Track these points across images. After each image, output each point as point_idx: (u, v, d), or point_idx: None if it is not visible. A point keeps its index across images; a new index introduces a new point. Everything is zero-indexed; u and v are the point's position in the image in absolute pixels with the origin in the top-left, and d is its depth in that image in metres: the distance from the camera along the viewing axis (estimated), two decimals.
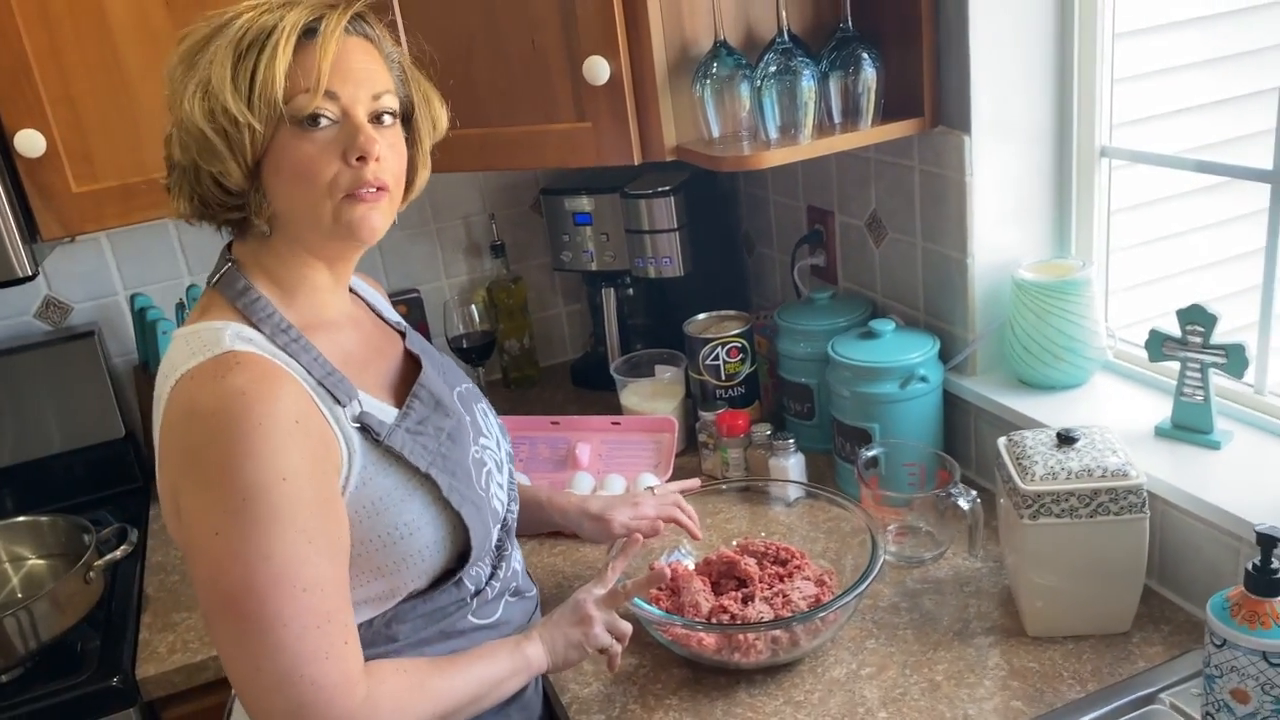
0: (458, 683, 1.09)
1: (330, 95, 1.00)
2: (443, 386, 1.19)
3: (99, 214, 1.64)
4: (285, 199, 1.02)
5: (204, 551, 0.95)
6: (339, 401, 1.03)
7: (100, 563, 1.56)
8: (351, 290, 1.21)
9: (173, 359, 1.01)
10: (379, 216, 1.05)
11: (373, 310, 1.26)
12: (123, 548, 1.58)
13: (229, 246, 1.11)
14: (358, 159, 1.01)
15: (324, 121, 1.01)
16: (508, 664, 1.14)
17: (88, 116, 1.59)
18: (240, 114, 0.98)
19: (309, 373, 1.02)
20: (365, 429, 1.05)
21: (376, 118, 1.04)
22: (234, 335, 1.00)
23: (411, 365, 1.21)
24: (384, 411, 1.09)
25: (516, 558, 1.26)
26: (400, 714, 1.02)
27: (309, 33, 1.00)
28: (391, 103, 1.06)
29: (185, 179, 1.03)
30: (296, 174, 1.01)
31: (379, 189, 1.04)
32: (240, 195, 1.02)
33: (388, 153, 1.04)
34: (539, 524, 1.50)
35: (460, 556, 1.12)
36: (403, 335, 1.25)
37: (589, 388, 2.21)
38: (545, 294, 2.37)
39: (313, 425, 0.99)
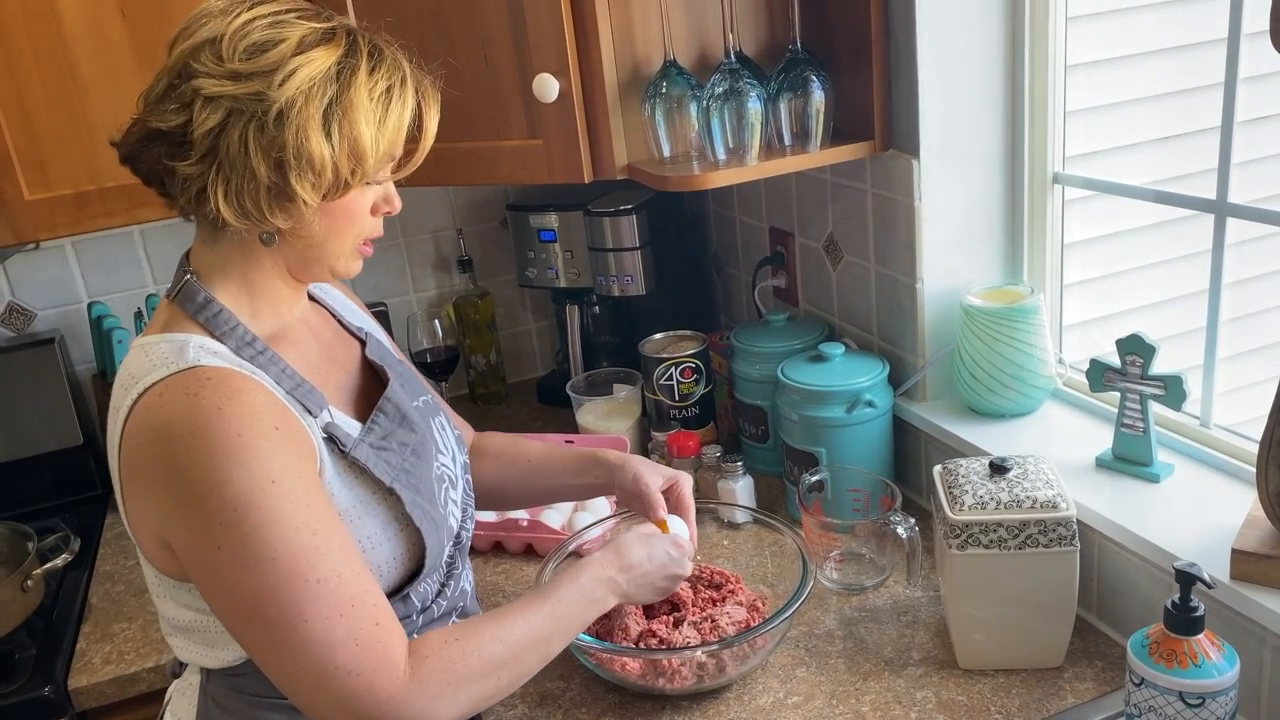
0: (521, 639, 1.06)
1: (392, 156, 1.05)
2: (406, 400, 1.17)
3: (52, 222, 1.64)
4: (323, 232, 1.03)
5: (211, 569, 0.95)
6: (310, 412, 1.03)
7: (39, 571, 1.56)
8: (311, 297, 1.20)
9: (132, 370, 0.99)
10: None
11: (334, 316, 1.23)
12: (62, 556, 1.58)
13: (187, 256, 1.08)
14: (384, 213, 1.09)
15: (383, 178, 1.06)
16: (578, 612, 1.13)
17: (42, 124, 1.60)
18: (368, 156, 0.99)
19: (278, 384, 1.01)
20: (332, 439, 1.04)
21: None
22: (198, 348, 0.98)
23: (371, 375, 1.19)
24: (348, 424, 1.08)
25: (467, 578, 1.24)
26: (456, 684, 0.99)
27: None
28: None
29: (245, 185, 0.96)
30: (348, 217, 1.04)
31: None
32: (293, 216, 1.00)
33: None
34: (582, 473, 1.39)
35: (412, 573, 1.11)
36: (363, 343, 1.22)
37: (554, 405, 2.20)
38: (514, 310, 2.37)
39: (292, 429, 0.98)
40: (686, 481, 1.36)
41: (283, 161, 0.95)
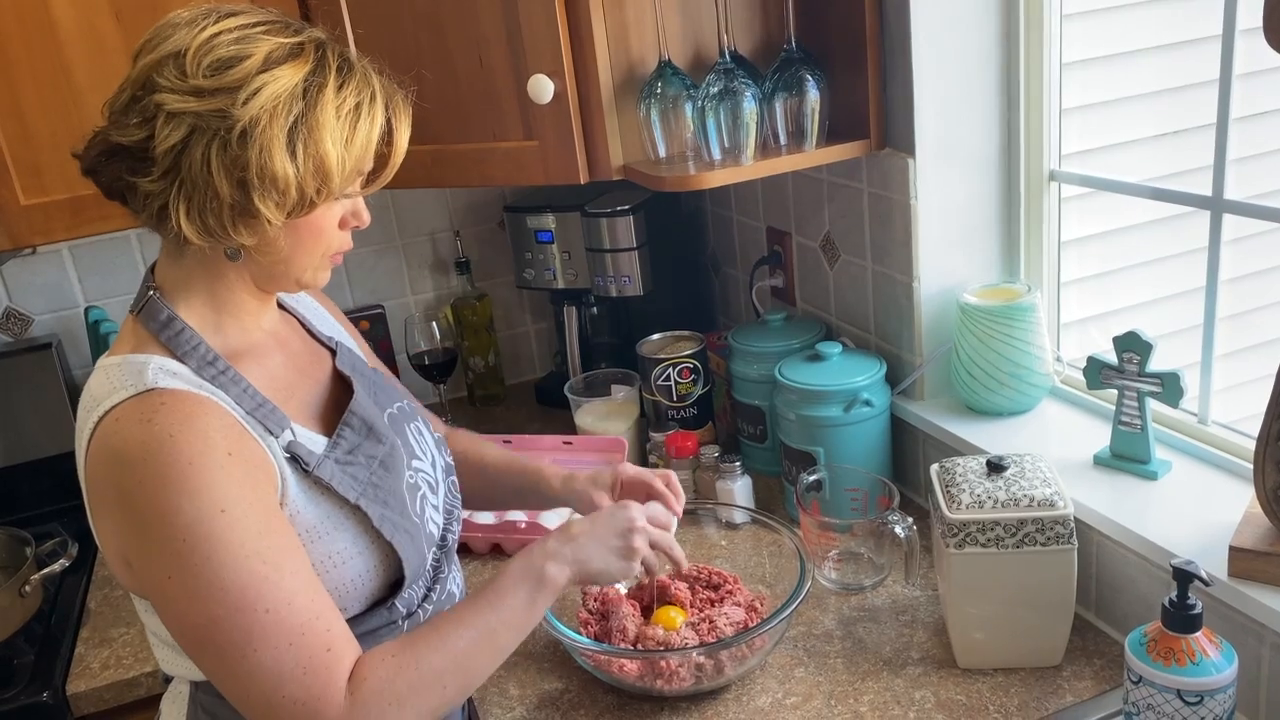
0: (460, 642, 1.03)
1: (360, 171, 1.04)
2: (374, 411, 1.16)
3: (47, 227, 1.64)
4: (288, 248, 1.02)
5: (163, 595, 0.95)
6: (271, 432, 1.02)
7: (37, 576, 1.56)
8: (281, 305, 1.20)
9: (94, 391, 0.98)
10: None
11: (304, 325, 1.23)
12: (60, 562, 1.58)
13: (152, 270, 1.07)
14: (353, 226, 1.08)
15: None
16: (520, 597, 1.08)
17: (37, 129, 1.60)
18: (334, 175, 0.97)
19: (238, 405, 1.00)
20: (295, 459, 1.03)
21: None
22: (157, 370, 0.98)
23: (341, 387, 1.18)
24: (313, 441, 1.07)
25: (456, 580, 1.23)
26: (398, 702, 0.98)
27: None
28: None
29: (208, 203, 0.95)
30: (314, 233, 1.03)
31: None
32: (257, 233, 0.99)
33: None
34: (525, 493, 1.39)
35: (394, 582, 1.10)
36: (333, 352, 1.22)
37: (553, 406, 2.20)
38: (513, 311, 2.36)
39: (247, 453, 0.97)
40: (629, 471, 1.31)
41: (245, 181, 0.94)
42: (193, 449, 0.93)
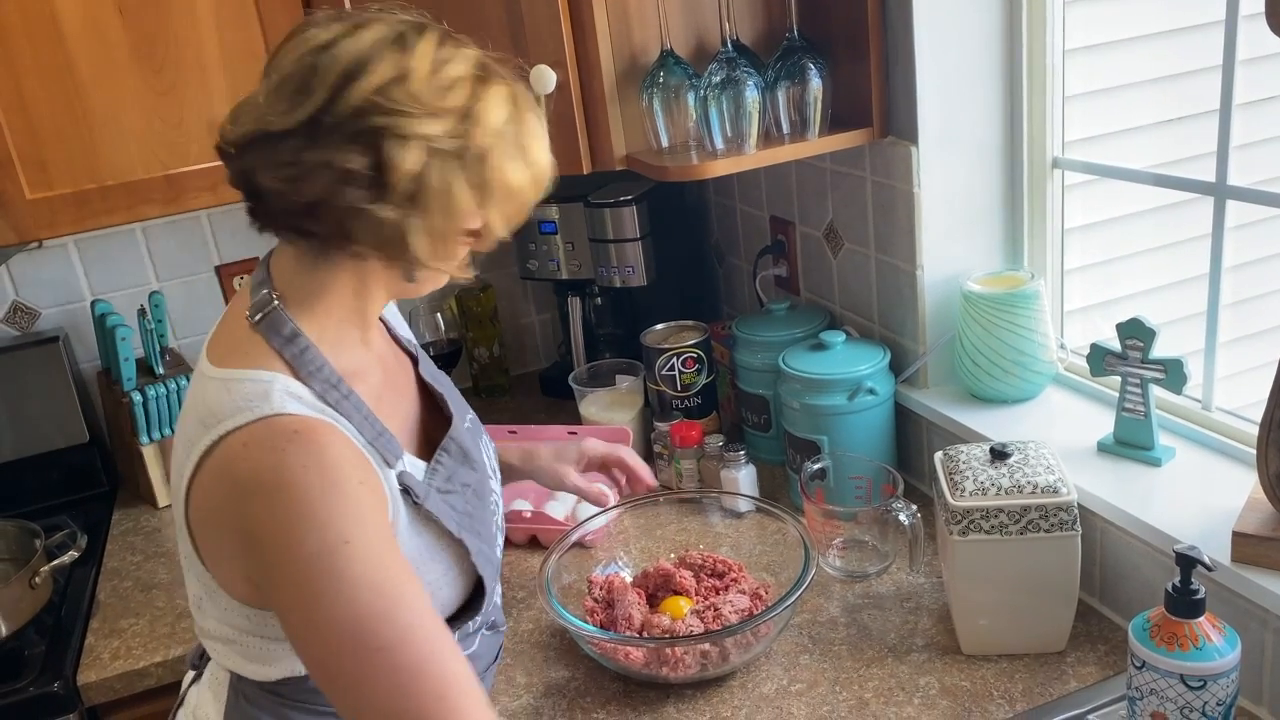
0: None
1: None
2: (470, 438, 1.13)
3: (53, 220, 1.64)
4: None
5: (285, 622, 0.92)
6: (387, 463, 0.99)
7: (47, 568, 1.57)
8: None
9: (212, 407, 0.93)
10: None
11: (389, 329, 1.17)
12: (70, 553, 1.59)
13: (268, 271, 1.00)
14: None
15: None
16: None
17: (42, 123, 1.60)
18: (546, 177, 1.00)
19: (360, 433, 0.97)
20: (406, 490, 1.00)
21: None
22: (283, 393, 0.93)
23: (425, 398, 1.14)
24: (415, 467, 1.04)
25: (497, 591, 1.18)
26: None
27: None
28: None
29: (448, 222, 0.94)
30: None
31: None
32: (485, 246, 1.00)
33: None
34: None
35: (462, 608, 1.08)
36: (414, 360, 1.17)
37: (558, 396, 2.21)
38: (517, 302, 2.37)
39: (373, 483, 0.95)
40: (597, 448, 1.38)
41: (486, 198, 0.94)
42: (325, 479, 0.89)
